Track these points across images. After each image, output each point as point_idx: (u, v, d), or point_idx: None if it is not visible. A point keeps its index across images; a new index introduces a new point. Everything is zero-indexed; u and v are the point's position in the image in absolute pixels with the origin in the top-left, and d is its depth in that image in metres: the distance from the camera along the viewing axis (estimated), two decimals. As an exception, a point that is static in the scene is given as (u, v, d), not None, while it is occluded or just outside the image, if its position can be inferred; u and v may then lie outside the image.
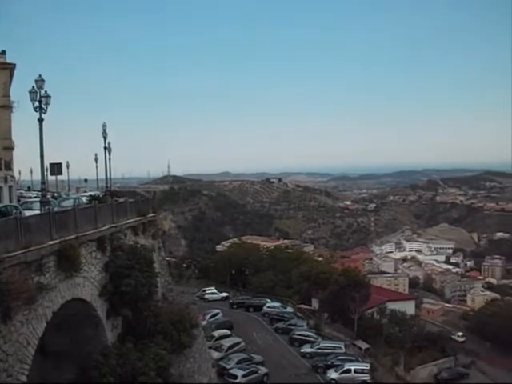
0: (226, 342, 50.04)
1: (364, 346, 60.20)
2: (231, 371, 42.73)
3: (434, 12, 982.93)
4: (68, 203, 30.82)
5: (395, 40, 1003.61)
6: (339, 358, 50.93)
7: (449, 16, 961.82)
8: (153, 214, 36.05)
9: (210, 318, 58.42)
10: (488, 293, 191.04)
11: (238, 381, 41.55)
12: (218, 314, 60.54)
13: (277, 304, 70.12)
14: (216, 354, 45.80)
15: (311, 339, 56.31)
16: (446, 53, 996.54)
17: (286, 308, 69.06)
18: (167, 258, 50.51)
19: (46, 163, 32.37)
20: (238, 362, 44.75)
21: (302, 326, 61.34)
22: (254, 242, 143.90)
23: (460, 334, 78.72)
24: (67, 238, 20.50)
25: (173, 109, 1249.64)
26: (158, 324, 28.51)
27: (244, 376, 42.10)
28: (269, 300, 72.28)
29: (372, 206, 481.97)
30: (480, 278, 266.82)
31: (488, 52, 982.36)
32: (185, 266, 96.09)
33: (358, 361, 52.08)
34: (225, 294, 76.48)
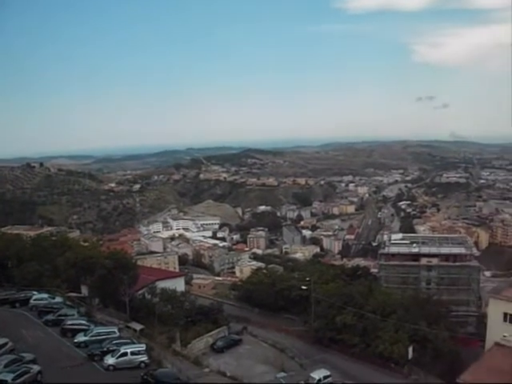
0: (-9, 346, 46.14)
1: (138, 327, 60.79)
2: (-1, 377, 39.68)
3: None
4: None
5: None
6: (114, 342, 50.67)
7: None
8: None
9: (-30, 322, 53.31)
10: (254, 262, 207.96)
11: (8, 385, 38.74)
12: (-22, 316, 55.49)
13: (45, 295, 66.44)
14: (-21, 362, 41.98)
15: (84, 327, 54.90)
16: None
17: (54, 298, 65.83)
18: None
19: None
20: (6, 366, 40.98)
21: (73, 314, 59.14)
22: (16, 231, 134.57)
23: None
24: None
25: None
26: None
27: (14, 379, 39.22)
28: (35, 292, 68.44)
29: (137, 186, 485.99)
30: (246, 249, 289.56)
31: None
32: None
33: (134, 343, 52.47)
34: (-15, 293, 70.18)
